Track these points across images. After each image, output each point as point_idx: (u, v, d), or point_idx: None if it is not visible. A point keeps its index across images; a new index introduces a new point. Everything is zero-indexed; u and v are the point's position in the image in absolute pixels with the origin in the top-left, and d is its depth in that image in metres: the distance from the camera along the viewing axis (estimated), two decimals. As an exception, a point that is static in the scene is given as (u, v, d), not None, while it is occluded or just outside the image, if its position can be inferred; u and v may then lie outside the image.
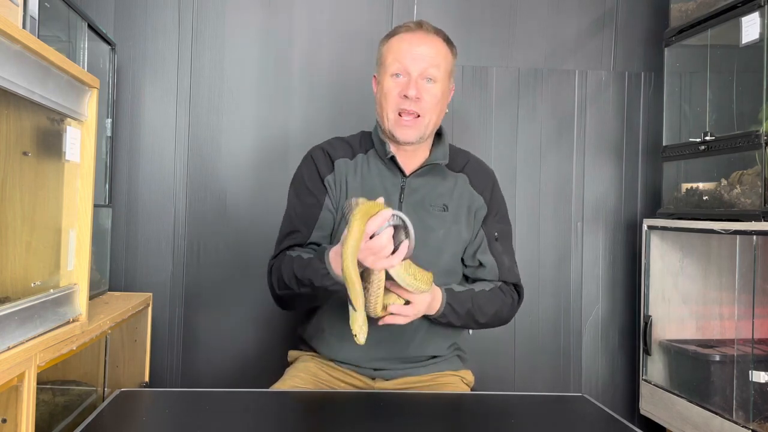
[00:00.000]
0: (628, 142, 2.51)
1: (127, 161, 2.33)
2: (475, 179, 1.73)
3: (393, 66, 1.63)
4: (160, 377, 2.29)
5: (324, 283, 1.46)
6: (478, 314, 1.62)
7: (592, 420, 1.43)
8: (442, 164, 1.69)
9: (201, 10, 2.36)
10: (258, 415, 1.40)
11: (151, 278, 2.33)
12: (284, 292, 1.60)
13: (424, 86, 1.61)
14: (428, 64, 1.62)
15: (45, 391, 1.42)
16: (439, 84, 1.63)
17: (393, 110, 1.62)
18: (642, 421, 2.35)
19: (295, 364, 1.74)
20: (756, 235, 1.82)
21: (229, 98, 2.37)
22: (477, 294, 1.63)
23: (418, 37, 1.65)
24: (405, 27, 1.68)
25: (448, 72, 1.67)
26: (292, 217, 1.68)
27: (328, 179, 1.67)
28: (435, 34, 1.67)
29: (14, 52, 1.11)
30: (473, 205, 1.70)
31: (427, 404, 1.48)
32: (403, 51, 1.63)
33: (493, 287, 1.67)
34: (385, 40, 1.70)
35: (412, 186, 1.67)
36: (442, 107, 1.67)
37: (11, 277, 1.20)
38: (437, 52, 1.64)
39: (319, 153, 1.72)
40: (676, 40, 2.27)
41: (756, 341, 1.86)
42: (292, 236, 1.65)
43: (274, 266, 1.63)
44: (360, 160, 1.70)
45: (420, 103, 1.61)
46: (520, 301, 1.74)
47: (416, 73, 1.61)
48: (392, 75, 1.62)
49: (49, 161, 1.33)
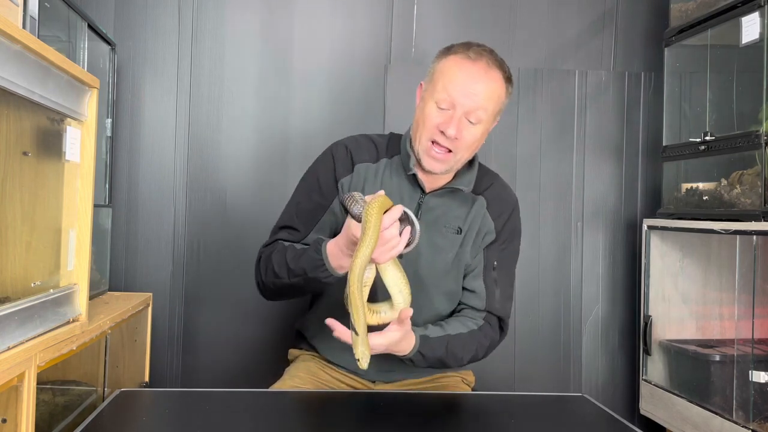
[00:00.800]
0: (628, 142, 2.51)
1: (127, 161, 2.33)
2: (493, 204, 1.64)
3: (441, 94, 1.49)
4: (160, 377, 2.29)
5: (318, 275, 1.43)
6: (450, 360, 1.53)
7: (592, 420, 1.43)
8: (466, 191, 1.61)
9: (201, 10, 2.36)
10: (258, 415, 1.40)
11: (151, 278, 2.33)
12: (271, 280, 1.54)
13: (465, 125, 1.49)
14: (477, 107, 1.49)
15: (45, 391, 1.41)
16: (482, 125, 1.51)
17: (427, 138, 1.51)
18: (642, 421, 2.35)
19: (295, 364, 1.74)
20: (756, 235, 1.82)
21: (229, 98, 2.37)
22: (452, 338, 1.53)
23: (476, 70, 1.50)
24: (466, 53, 1.51)
25: (495, 113, 1.55)
26: (293, 212, 1.62)
27: (342, 181, 1.59)
28: (497, 70, 1.52)
29: (14, 52, 1.11)
30: (483, 229, 1.62)
31: (427, 404, 1.48)
32: (456, 83, 1.48)
33: (472, 330, 1.57)
34: (442, 56, 1.55)
35: (430, 204, 1.59)
36: (478, 145, 1.56)
37: (11, 277, 1.20)
38: (491, 94, 1.51)
39: (341, 151, 1.63)
40: (676, 40, 2.27)
41: (756, 341, 1.86)
42: (289, 232, 1.60)
43: (264, 253, 1.58)
44: (383, 166, 1.61)
45: (456, 143, 1.49)
46: (503, 336, 1.64)
47: (461, 112, 1.48)
48: (437, 103, 1.49)
49: (49, 161, 1.33)
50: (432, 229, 1.58)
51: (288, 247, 1.52)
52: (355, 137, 1.67)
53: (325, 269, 1.41)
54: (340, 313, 1.49)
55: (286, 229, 1.60)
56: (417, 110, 1.56)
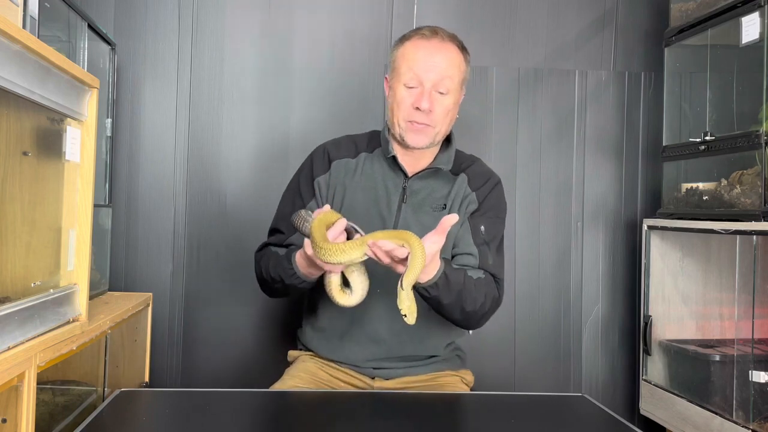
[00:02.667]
0: (628, 142, 2.51)
1: (127, 161, 2.33)
2: (474, 179, 1.72)
3: (406, 75, 1.61)
4: (160, 377, 2.29)
5: (293, 282, 1.56)
6: (466, 294, 1.53)
7: (592, 420, 1.43)
8: (445, 169, 1.69)
9: (201, 9, 2.36)
10: (258, 415, 1.40)
11: (151, 278, 2.33)
12: (264, 283, 1.69)
13: (436, 98, 1.61)
14: (442, 76, 1.61)
15: (45, 391, 1.41)
16: (451, 95, 1.63)
17: (404, 119, 1.62)
18: (642, 421, 2.35)
19: (295, 364, 1.75)
20: (756, 235, 1.82)
21: (229, 98, 2.37)
22: (468, 277, 1.56)
23: (433, 46, 1.63)
24: (420, 33, 1.65)
25: (460, 81, 1.66)
26: (279, 216, 1.75)
27: (319, 180, 1.70)
28: (450, 41, 1.65)
29: (14, 52, 1.11)
30: (465, 201, 1.69)
31: (427, 404, 1.48)
32: (418, 60, 1.61)
33: (480, 276, 1.60)
34: (399, 44, 1.67)
35: (414, 188, 1.68)
36: (453, 116, 1.67)
37: (11, 277, 1.20)
38: (451, 62, 1.63)
39: (319, 152, 1.75)
40: (676, 40, 2.27)
41: (756, 341, 1.86)
42: (275, 235, 1.72)
43: (257, 258, 1.72)
44: (363, 159, 1.71)
45: (431, 116, 1.61)
46: (501, 296, 1.66)
47: (429, 85, 1.60)
48: (405, 84, 1.61)
49: (49, 161, 1.33)
50: (419, 210, 1.66)
51: (272, 254, 1.65)
52: (337, 138, 1.79)
53: (297, 277, 1.54)
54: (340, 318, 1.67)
55: (274, 232, 1.73)
56: (389, 99, 1.68)
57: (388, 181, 1.68)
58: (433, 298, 1.51)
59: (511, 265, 2.42)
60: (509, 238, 2.43)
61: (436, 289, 1.48)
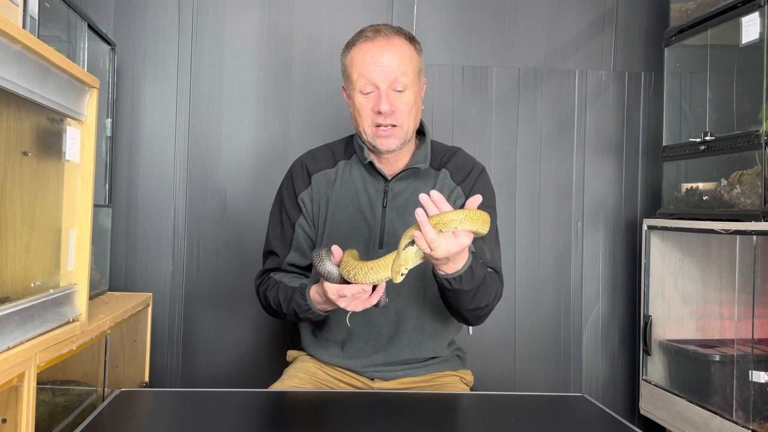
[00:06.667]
0: (628, 142, 2.51)
1: (127, 161, 2.33)
2: (456, 173, 1.68)
3: (360, 82, 1.57)
4: (160, 377, 2.29)
5: (308, 316, 1.56)
6: (482, 294, 1.50)
7: (592, 420, 1.43)
8: (424, 167, 1.65)
9: (201, 9, 2.36)
10: (258, 415, 1.40)
11: (151, 278, 2.33)
12: (274, 313, 1.68)
13: (395, 97, 1.56)
14: (396, 74, 1.56)
15: (45, 391, 1.42)
16: (409, 90, 1.58)
17: (369, 126, 1.59)
18: (642, 421, 2.35)
19: (294, 364, 1.75)
20: (756, 235, 1.82)
21: (229, 98, 2.37)
22: (489, 273, 1.53)
23: (378, 46, 1.58)
24: (363, 36, 1.60)
25: (416, 73, 1.61)
26: (271, 237, 1.73)
27: (302, 196, 1.68)
28: (396, 36, 1.60)
29: (14, 52, 1.11)
30: (452, 196, 1.65)
31: (427, 404, 1.48)
32: (367, 64, 1.57)
33: (489, 271, 1.56)
34: (346, 51, 1.63)
35: (396, 190, 1.65)
36: (417, 110, 1.62)
37: (11, 277, 1.20)
38: (401, 57, 1.58)
39: (297, 167, 1.72)
40: (676, 40, 2.27)
41: (756, 341, 1.86)
42: (272, 258, 1.71)
43: (260, 288, 1.70)
44: (342, 168, 1.69)
45: (395, 115, 1.57)
46: (502, 289, 1.64)
47: (385, 86, 1.56)
48: (361, 91, 1.58)
49: (49, 161, 1.33)
50: (404, 211, 1.64)
51: (279, 284, 1.62)
52: (312, 150, 1.76)
53: (312, 312, 1.53)
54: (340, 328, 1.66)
55: (270, 255, 1.72)
56: (350, 109, 1.65)
57: (369, 187, 1.66)
58: (454, 291, 1.46)
59: (511, 265, 2.43)
60: (510, 238, 2.43)
61: (459, 282, 1.44)
